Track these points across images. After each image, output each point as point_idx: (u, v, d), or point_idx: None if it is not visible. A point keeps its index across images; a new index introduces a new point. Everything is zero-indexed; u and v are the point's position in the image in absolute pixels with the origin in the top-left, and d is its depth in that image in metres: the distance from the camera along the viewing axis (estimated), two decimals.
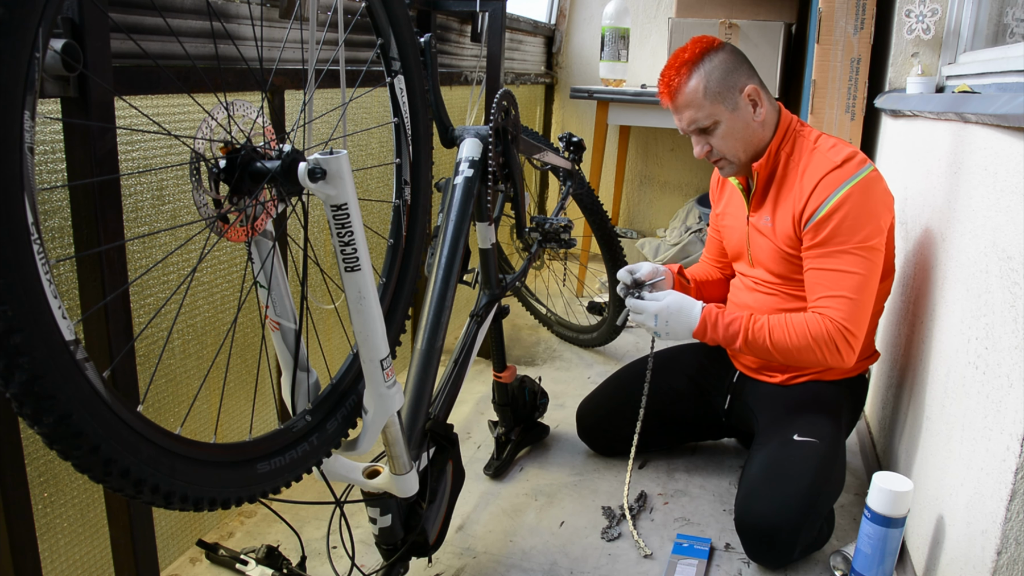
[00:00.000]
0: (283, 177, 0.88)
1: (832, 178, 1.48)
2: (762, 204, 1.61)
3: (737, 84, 1.52)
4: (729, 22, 2.78)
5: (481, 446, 1.95)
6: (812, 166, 1.52)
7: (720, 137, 1.54)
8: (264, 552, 1.37)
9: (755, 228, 1.64)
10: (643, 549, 1.54)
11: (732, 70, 1.52)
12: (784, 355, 1.52)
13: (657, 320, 1.56)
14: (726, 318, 1.54)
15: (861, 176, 1.47)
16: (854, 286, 1.46)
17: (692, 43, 1.55)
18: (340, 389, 1.08)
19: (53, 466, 1.15)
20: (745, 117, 1.53)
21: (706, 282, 1.88)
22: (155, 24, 1.14)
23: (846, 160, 1.49)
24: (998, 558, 1.01)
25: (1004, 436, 1.02)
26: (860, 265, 1.46)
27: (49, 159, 1.06)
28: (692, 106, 1.52)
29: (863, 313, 1.48)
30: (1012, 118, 1.07)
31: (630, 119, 3.12)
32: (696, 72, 1.51)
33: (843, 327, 1.46)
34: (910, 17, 2.03)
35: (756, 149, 1.57)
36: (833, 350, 1.47)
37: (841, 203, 1.46)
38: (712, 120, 1.52)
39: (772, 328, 1.51)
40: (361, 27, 1.63)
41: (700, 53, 1.52)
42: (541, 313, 2.69)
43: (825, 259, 1.49)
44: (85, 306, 1.05)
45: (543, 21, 3.47)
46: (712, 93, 1.50)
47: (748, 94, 1.52)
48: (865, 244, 1.46)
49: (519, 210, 1.67)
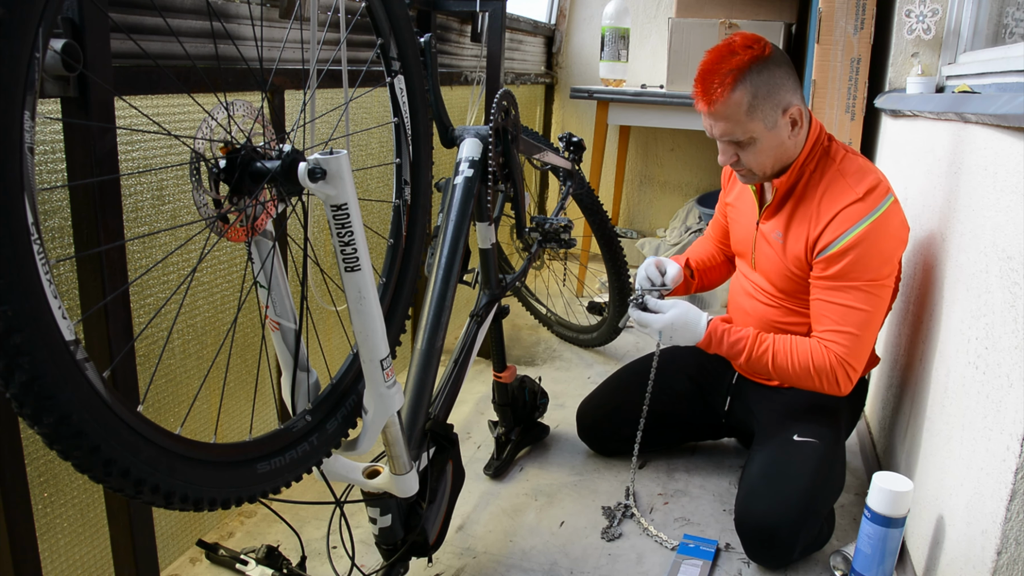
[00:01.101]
0: (283, 177, 0.88)
1: (851, 212, 1.42)
2: (775, 215, 1.57)
3: (781, 103, 1.42)
4: (729, 22, 2.78)
5: (481, 446, 1.95)
6: (833, 192, 1.46)
7: (752, 153, 1.46)
8: (264, 552, 1.37)
9: (764, 236, 1.61)
10: (666, 542, 1.55)
11: (779, 86, 1.41)
12: (784, 378, 1.52)
13: (662, 332, 1.54)
14: (732, 336, 1.52)
15: (881, 211, 1.41)
16: (861, 322, 1.44)
17: (741, 43, 1.41)
18: (340, 389, 1.08)
19: (53, 466, 1.15)
20: (781, 136, 1.45)
21: (708, 268, 1.87)
22: (155, 24, 1.14)
23: (868, 192, 1.42)
24: (998, 558, 1.01)
25: (1004, 436, 1.02)
26: (868, 302, 1.44)
27: (49, 159, 1.06)
28: (730, 120, 1.42)
29: (866, 348, 1.47)
30: (1012, 118, 1.07)
31: (630, 119, 3.12)
32: (742, 84, 1.39)
33: (845, 361, 1.45)
34: (910, 17, 2.03)
35: (784, 164, 1.50)
36: (832, 381, 1.47)
37: (858, 241, 1.41)
38: (748, 136, 1.44)
39: (776, 352, 1.50)
40: (361, 27, 1.63)
41: (749, 62, 1.39)
42: (541, 313, 2.69)
43: (834, 292, 1.46)
44: (85, 306, 1.05)
45: (543, 21, 3.47)
46: (754, 110, 1.41)
47: (791, 115, 1.44)
48: (876, 281, 1.43)
49: (519, 210, 1.67)
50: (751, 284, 1.69)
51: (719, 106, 1.41)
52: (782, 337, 1.52)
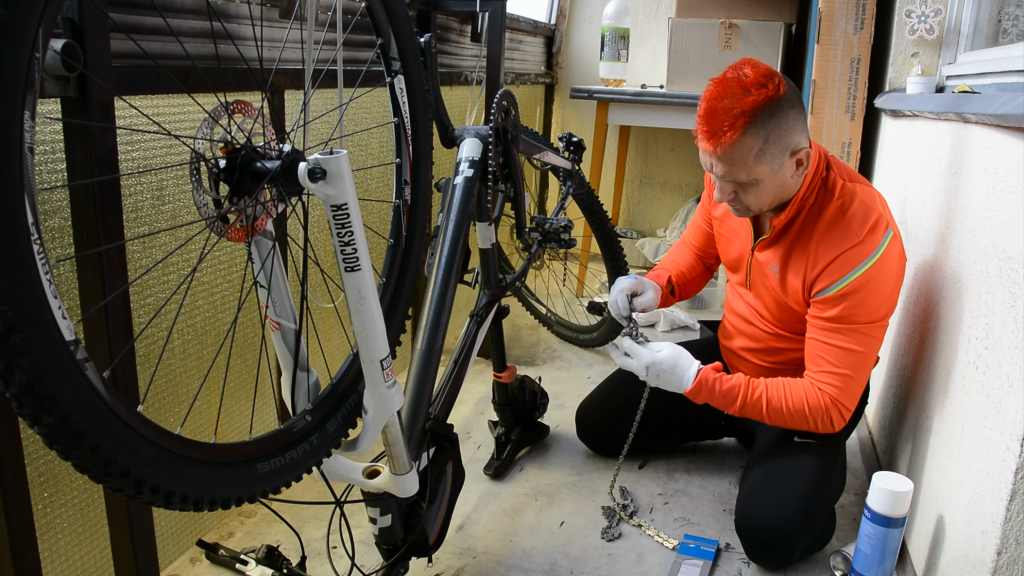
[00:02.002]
0: (283, 177, 0.88)
1: (851, 256, 1.37)
2: (772, 247, 1.52)
3: (790, 146, 1.34)
4: (729, 22, 2.78)
5: (481, 446, 1.95)
6: (831, 233, 1.41)
7: (754, 194, 1.40)
8: (264, 552, 1.37)
9: (760, 265, 1.56)
10: (666, 542, 1.55)
11: (790, 129, 1.33)
12: (778, 422, 1.49)
13: (648, 371, 1.51)
14: (724, 384, 1.48)
15: (880, 253, 1.36)
16: (856, 364, 1.42)
17: (754, 80, 1.30)
18: (340, 389, 1.08)
19: (53, 466, 1.15)
20: (785, 176, 1.38)
21: (688, 281, 1.83)
22: (155, 24, 1.14)
23: (869, 232, 1.37)
24: (998, 558, 1.01)
25: (1004, 436, 1.02)
26: (864, 343, 1.41)
27: (49, 159, 1.06)
28: (737, 164, 1.34)
29: (859, 387, 1.45)
30: (1012, 118, 1.07)
31: (630, 119, 3.12)
32: (753, 128, 1.29)
33: (839, 402, 1.43)
34: (911, 17, 2.03)
35: (783, 201, 1.45)
36: (827, 422, 1.45)
37: (856, 286, 1.37)
38: (752, 179, 1.36)
39: (770, 398, 1.47)
40: (361, 27, 1.63)
41: (764, 103, 1.29)
42: (541, 313, 2.69)
43: (830, 334, 1.42)
44: (85, 306, 1.05)
45: (543, 21, 3.47)
46: (763, 154, 1.33)
47: (798, 157, 1.36)
48: (874, 322, 1.41)
49: (519, 210, 1.67)
50: (745, 304, 1.67)
51: (727, 149, 1.32)
52: (774, 381, 1.49)
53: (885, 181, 2.10)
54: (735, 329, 1.71)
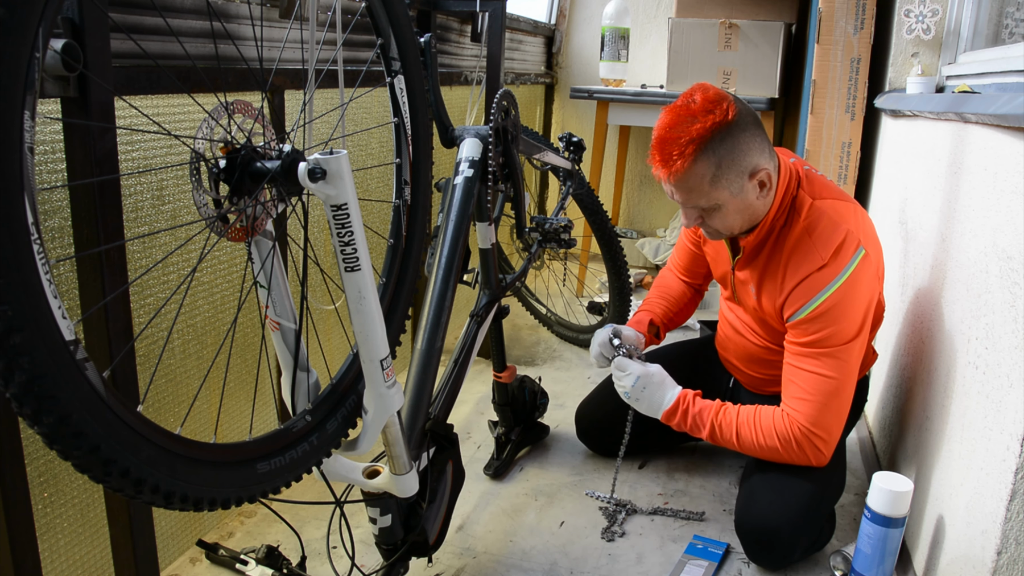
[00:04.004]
0: (283, 177, 0.88)
1: (817, 279, 1.37)
2: (747, 266, 1.53)
3: (747, 168, 1.35)
4: (729, 22, 2.78)
5: (481, 446, 1.95)
6: (798, 256, 1.41)
7: (719, 217, 1.40)
8: (264, 552, 1.37)
9: (741, 283, 1.57)
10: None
11: (744, 152, 1.33)
12: (751, 452, 1.49)
13: (636, 381, 1.54)
14: (696, 406, 1.51)
15: (847, 274, 1.36)
16: (829, 391, 1.39)
17: (701, 107, 1.32)
18: (340, 389, 1.08)
19: (53, 466, 1.15)
20: (748, 198, 1.38)
21: (676, 313, 1.84)
22: (155, 24, 1.14)
23: (835, 254, 1.37)
24: (998, 558, 1.01)
25: (1004, 436, 1.02)
26: (837, 369, 1.39)
27: (49, 159, 1.06)
28: (693, 191, 1.35)
29: (834, 417, 1.42)
30: (1012, 118, 1.07)
31: (630, 119, 3.12)
32: (703, 154, 1.31)
33: (810, 431, 1.41)
34: (910, 17, 2.03)
35: (754, 222, 1.44)
36: (800, 453, 1.43)
37: (825, 311, 1.37)
38: (713, 204, 1.37)
39: (740, 426, 1.47)
40: (361, 27, 1.63)
41: (711, 129, 1.30)
42: (541, 313, 2.69)
43: (803, 359, 1.42)
44: (85, 306, 1.05)
45: (543, 21, 3.47)
46: (718, 179, 1.33)
47: (759, 178, 1.36)
48: (845, 344, 1.39)
49: (519, 210, 1.67)
50: (736, 317, 1.68)
51: (680, 177, 1.34)
52: (747, 409, 1.49)
53: (885, 181, 2.10)
54: (728, 340, 1.73)
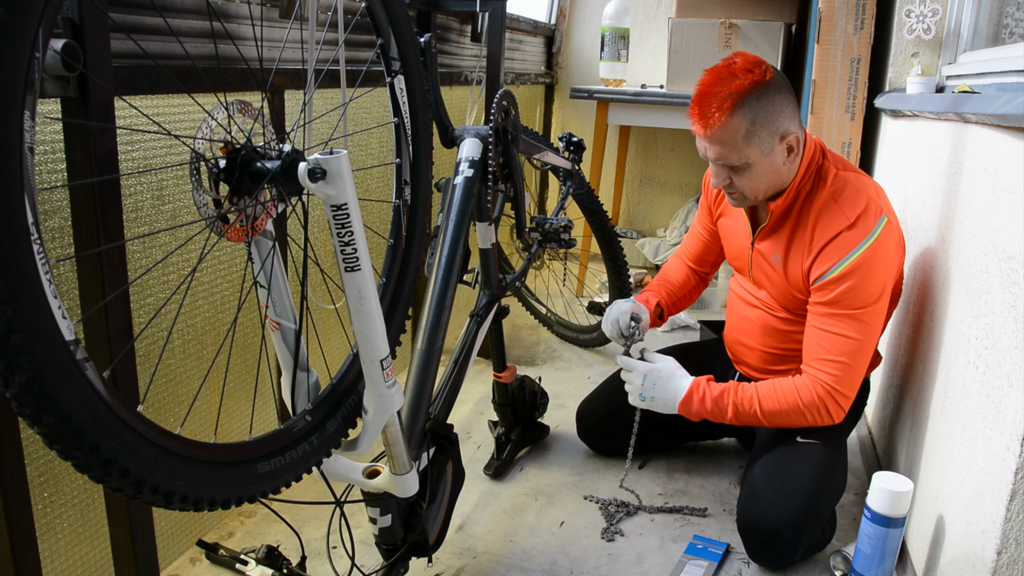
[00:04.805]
0: (283, 177, 0.88)
1: (844, 240, 1.41)
2: (771, 236, 1.55)
3: (779, 130, 1.40)
4: (729, 22, 2.78)
5: (481, 446, 1.95)
6: (825, 219, 1.45)
7: (747, 178, 1.45)
8: (264, 552, 1.37)
9: (762, 256, 1.59)
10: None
11: (778, 113, 1.39)
12: (775, 422, 1.51)
13: (645, 379, 1.56)
14: (713, 390, 1.53)
15: (874, 237, 1.40)
16: (852, 351, 1.43)
17: (742, 66, 1.39)
18: (340, 389, 1.08)
19: (53, 466, 1.15)
20: (776, 162, 1.43)
21: (680, 298, 1.87)
22: (155, 24, 1.14)
23: (860, 216, 1.41)
24: (998, 558, 1.01)
25: (1004, 436, 1.02)
26: (861, 331, 1.43)
27: (49, 159, 1.06)
28: (727, 145, 1.40)
29: (857, 376, 1.46)
30: (1012, 118, 1.07)
31: (630, 119, 3.12)
32: (741, 109, 1.36)
33: (835, 390, 1.45)
34: (910, 17, 2.03)
35: (778, 189, 1.49)
36: (823, 413, 1.47)
37: (851, 270, 1.40)
38: (743, 162, 1.41)
39: (761, 398, 1.50)
40: (361, 27, 1.63)
41: (749, 87, 1.36)
42: (541, 313, 2.69)
43: (828, 320, 1.45)
44: (85, 306, 1.05)
45: (543, 21, 3.47)
46: (752, 136, 1.39)
47: (788, 142, 1.42)
48: (869, 308, 1.42)
49: (519, 210, 1.67)
50: (752, 296, 1.68)
51: (716, 131, 1.38)
52: (764, 383, 1.52)
53: (885, 181, 2.09)
54: (741, 319, 1.73)
